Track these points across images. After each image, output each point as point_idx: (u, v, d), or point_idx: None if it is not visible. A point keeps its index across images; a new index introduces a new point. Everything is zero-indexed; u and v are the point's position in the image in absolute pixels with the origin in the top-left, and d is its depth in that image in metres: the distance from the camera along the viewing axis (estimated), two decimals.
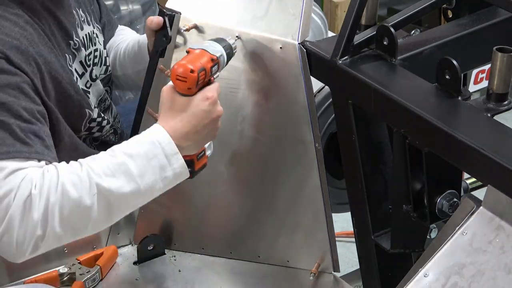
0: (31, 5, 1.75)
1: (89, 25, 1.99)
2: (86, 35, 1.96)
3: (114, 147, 1.61)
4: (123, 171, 1.56)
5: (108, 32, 2.14)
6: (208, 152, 1.71)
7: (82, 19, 1.96)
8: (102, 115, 1.96)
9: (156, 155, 1.59)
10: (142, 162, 1.58)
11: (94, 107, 1.93)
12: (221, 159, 1.96)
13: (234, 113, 1.90)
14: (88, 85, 1.94)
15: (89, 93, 1.93)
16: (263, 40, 1.81)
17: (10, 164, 1.54)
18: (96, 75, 1.98)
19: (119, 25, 2.24)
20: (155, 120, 1.94)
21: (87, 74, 1.94)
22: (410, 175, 1.64)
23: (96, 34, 2.02)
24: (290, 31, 1.78)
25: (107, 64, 2.07)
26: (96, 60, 2.00)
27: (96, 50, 2.00)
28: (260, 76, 1.85)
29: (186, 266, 2.04)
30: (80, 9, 1.96)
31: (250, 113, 1.89)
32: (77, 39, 1.89)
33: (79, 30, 1.92)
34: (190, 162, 1.65)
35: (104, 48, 2.07)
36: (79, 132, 1.90)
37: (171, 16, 1.87)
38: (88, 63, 1.95)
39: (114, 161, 1.57)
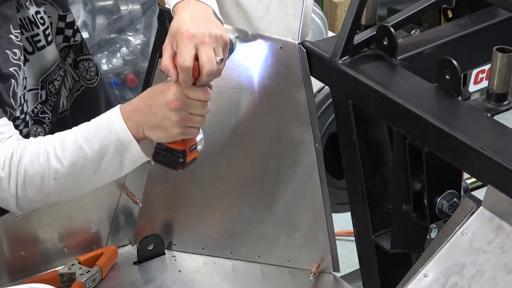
0: None
1: (34, 6, 1.88)
2: (25, 18, 1.86)
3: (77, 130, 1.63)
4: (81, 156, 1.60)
5: None
6: (199, 147, 1.71)
7: (21, 2, 1.85)
8: (26, 109, 1.87)
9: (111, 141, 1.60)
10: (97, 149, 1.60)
11: (19, 106, 1.82)
12: (221, 159, 1.97)
13: (234, 113, 1.90)
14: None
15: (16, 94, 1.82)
16: (263, 40, 1.81)
17: None
18: (43, 57, 1.90)
19: None
20: None
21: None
22: (410, 175, 1.64)
23: (43, 12, 1.91)
24: (290, 31, 1.78)
25: (72, 38, 1.99)
26: (41, 44, 1.89)
27: (37, 34, 1.89)
28: (260, 76, 1.85)
29: (186, 266, 2.04)
30: None
31: (250, 113, 1.89)
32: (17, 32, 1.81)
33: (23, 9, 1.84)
34: (182, 152, 1.64)
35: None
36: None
37: (171, 16, 1.86)
38: (32, 45, 1.87)
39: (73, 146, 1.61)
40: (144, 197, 2.05)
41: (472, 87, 3.28)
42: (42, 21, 1.92)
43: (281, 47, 1.78)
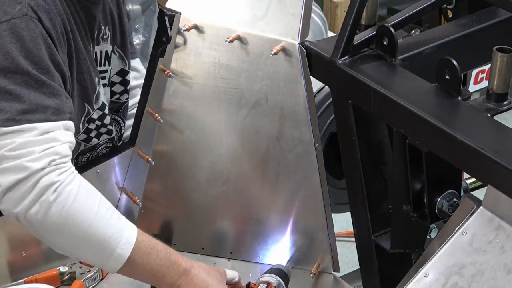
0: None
1: (111, 44, 1.99)
2: (104, 52, 1.96)
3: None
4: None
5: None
6: None
7: (106, 36, 1.96)
8: (104, 121, 1.96)
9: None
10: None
11: (97, 109, 1.93)
12: (221, 159, 1.97)
13: (234, 113, 1.90)
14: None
15: (99, 94, 1.93)
16: (263, 40, 1.81)
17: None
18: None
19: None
20: (155, 120, 1.96)
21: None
22: (410, 175, 1.64)
23: (113, 57, 2.01)
24: (290, 31, 1.78)
25: (126, 92, 2.08)
26: (104, 81, 1.99)
27: (105, 71, 1.99)
28: (260, 76, 1.85)
29: None
30: (107, 27, 1.96)
31: (250, 113, 1.89)
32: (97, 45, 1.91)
33: (95, 45, 1.92)
34: None
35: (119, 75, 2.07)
36: (78, 132, 1.90)
37: (171, 16, 1.87)
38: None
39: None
40: (144, 197, 2.05)
41: (472, 87, 3.28)
42: (114, 63, 2.01)
43: (281, 47, 1.78)
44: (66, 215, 1.61)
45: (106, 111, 1.96)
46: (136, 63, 2.19)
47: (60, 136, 1.65)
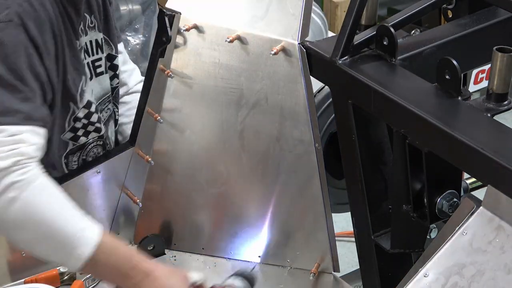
0: None
1: (99, 31, 1.99)
2: (94, 40, 1.96)
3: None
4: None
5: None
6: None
7: (92, 24, 1.95)
8: (91, 119, 1.96)
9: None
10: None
11: (83, 107, 1.92)
12: (221, 159, 1.97)
13: (234, 113, 1.90)
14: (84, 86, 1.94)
15: (84, 92, 1.93)
16: (263, 40, 1.81)
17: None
18: (99, 84, 1.99)
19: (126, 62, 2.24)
20: (155, 120, 1.96)
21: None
22: (410, 175, 1.64)
23: (103, 43, 2.02)
24: (290, 31, 1.78)
25: (116, 77, 2.08)
26: (100, 69, 2.00)
27: (100, 59, 2.00)
28: (260, 76, 1.85)
29: (186, 266, 2.04)
30: (93, 15, 1.96)
31: (250, 113, 1.89)
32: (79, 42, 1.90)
33: (83, 35, 1.92)
34: None
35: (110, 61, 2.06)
36: (63, 130, 1.91)
37: (171, 16, 1.87)
38: (95, 70, 1.96)
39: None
40: (144, 197, 2.05)
41: (472, 87, 3.28)
42: (105, 48, 2.00)
43: (281, 47, 1.78)
44: (27, 212, 1.63)
45: (93, 109, 1.95)
46: (121, 46, 2.19)
47: (28, 138, 1.67)
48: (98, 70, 1.99)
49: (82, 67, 1.91)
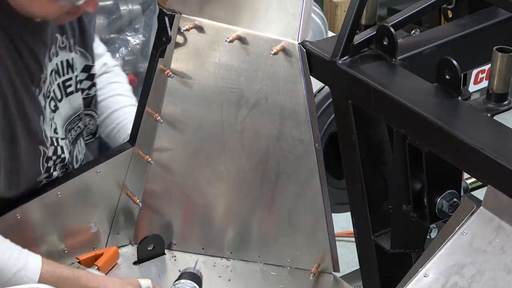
0: (11, 34, 1.75)
1: (70, 51, 1.94)
2: (65, 60, 1.93)
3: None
4: None
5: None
6: None
7: (64, 45, 1.92)
8: (58, 153, 1.93)
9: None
10: None
11: (50, 145, 1.89)
12: (221, 159, 1.97)
13: (234, 113, 1.90)
14: (51, 116, 1.91)
15: (51, 124, 1.90)
16: (263, 40, 1.81)
17: None
18: (69, 104, 1.97)
19: (114, 70, 2.20)
20: (155, 120, 1.96)
21: (52, 104, 1.91)
22: (410, 175, 1.64)
23: (75, 61, 1.98)
24: (290, 31, 1.78)
25: (87, 90, 2.05)
26: (71, 89, 1.97)
27: (70, 78, 1.96)
28: (260, 76, 1.85)
29: (186, 266, 2.04)
30: (64, 36, 1.92)
31: (250, 113, 1.89)
32: (46, 72, 1.87)
33: (54, 57, 1.89)
34: None
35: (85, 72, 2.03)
36: (39, 174, 1.89)
37: (171, 16, 1.87)
38: (65, 90, 1.94)
39: None
40: (144, 197, 2.05)
41: (472, 87, 3.28)
42: (76, 67, 1.97)
43: (281, 47, 1.78)
44: None
45: (56, 142, 1.92)
46: (107, 58, 2.18)
47: None
48: (69, 90, 1.96)
49: (40, 109, 1.86)
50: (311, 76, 1.80)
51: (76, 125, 2.02)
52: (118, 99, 2.17)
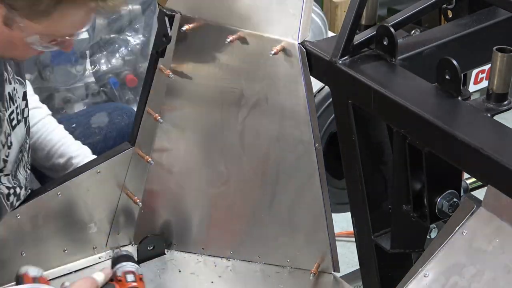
0: None
1: (10, 83, 1.89)
2: (7, 93, 1.87)
3: None
4: None
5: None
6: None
7: (4, 78, 1.86)
8: (13, 186, 1.89)
9: None
10: None
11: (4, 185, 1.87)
12: (221, 159, 1.97)
13: (234, 113, 1.90)
14: (6, 154, 1.87)
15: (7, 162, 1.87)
16: (263, 40, 1.81)
17: None
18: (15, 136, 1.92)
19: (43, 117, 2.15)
20: (155, 120, 1.96)
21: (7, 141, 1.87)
22: (410, 175, 1.64)
23: (16, 90, 1.92)
24: (290, 31, 1.78)
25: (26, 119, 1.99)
26: (14, 122, 1.91)
27: (13, 111, 1.90)
28: (260, 76, 1.85)
29: (186, 266, 2.04)
30: (9, 65, 1.87)
31: (250, 113, 1.89)
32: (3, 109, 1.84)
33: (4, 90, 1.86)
34: None
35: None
36: (6, 211, 1.87)
37: (171, 16, 1.87)
38: (11, 124, 1.89)
39: None
40: (144, 197, 2.05)
41: (472, 87, 3.28)
42: (17, 98, 1.92)
43: (281, 47, 1.78)
44: None
45: (8, 177, 1.89)
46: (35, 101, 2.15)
47: None
48: (13, 123, 1.90)
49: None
50: (311, 76, 1.80)
51: (21, 155, 1.96)
52: (33, 114, 2.10)
